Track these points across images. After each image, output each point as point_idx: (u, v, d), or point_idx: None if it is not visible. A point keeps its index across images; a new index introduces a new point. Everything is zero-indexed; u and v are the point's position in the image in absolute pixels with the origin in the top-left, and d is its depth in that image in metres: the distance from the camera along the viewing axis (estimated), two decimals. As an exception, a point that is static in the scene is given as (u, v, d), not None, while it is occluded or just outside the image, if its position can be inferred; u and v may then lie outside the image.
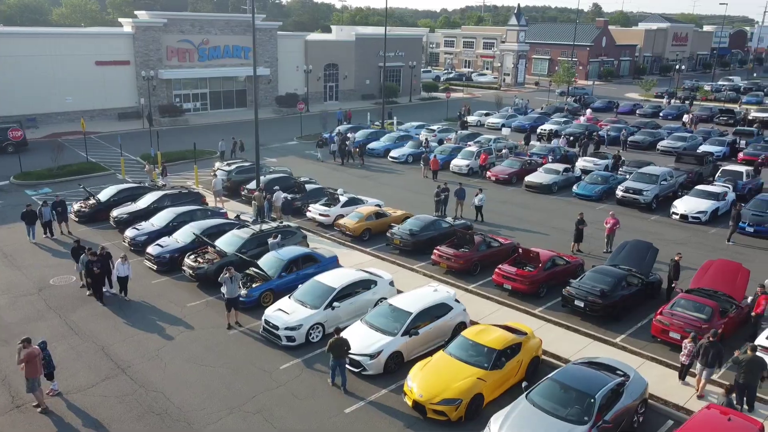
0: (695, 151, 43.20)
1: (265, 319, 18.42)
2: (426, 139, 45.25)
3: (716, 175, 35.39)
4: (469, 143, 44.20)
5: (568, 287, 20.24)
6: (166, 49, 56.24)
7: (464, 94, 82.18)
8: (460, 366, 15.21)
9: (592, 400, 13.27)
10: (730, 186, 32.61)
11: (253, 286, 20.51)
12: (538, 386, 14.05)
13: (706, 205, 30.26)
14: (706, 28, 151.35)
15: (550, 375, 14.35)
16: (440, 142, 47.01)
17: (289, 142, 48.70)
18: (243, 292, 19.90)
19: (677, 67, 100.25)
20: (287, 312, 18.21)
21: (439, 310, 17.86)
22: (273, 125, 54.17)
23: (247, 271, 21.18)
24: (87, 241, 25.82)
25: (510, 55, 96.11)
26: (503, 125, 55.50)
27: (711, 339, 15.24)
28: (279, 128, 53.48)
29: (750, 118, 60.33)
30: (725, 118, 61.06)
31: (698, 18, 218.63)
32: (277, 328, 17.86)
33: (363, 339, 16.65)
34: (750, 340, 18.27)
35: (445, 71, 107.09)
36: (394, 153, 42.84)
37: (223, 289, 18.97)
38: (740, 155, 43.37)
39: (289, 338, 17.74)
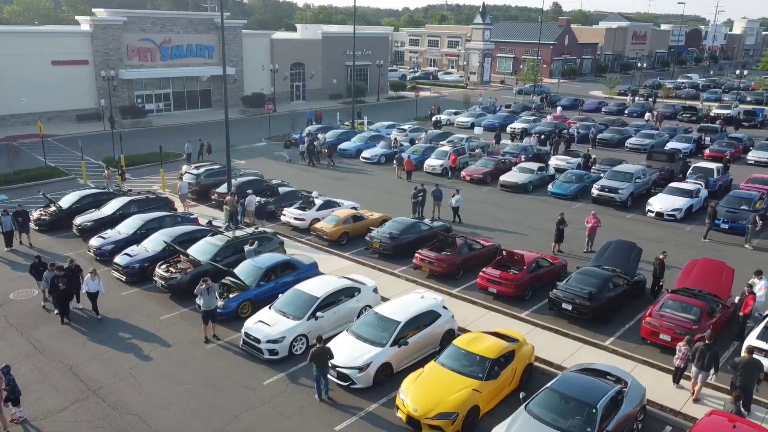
0: (663, 148, 43.69)
1: (245, 332, 17.53)
2: (395, 138, 44.60)
3: (688, 172, 35.69)
4: (441, 143, 43.77)
5: (554, 290, 19.88)
6: (126, 48, 54.32)
7: (432, 93, 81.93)
8: (453, 377, 14.63)
9: (594, 410, 12.83)
10: (702, 183, 32.90)
11: (230, 296, 19.55)
12: (537, 397, 13.56)
13: (681, 202, 30.42)
14: (663, 27, 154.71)
15: (548, 385, 13.87)
16: (412, 141, 46.48)
17: (257, 143, 47.49)
18: (220, 303, 18.93)
19: (639, 65, 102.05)
20: (268, 324, 17.36)
21: (427, 317, 17.26)
22: (240, 126, 52.81)
23: (223, 281, 20.20)
24: (49, 252, 24.53)
25: (476, 53, 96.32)
26: (473, 124, 55.39)
27: (707, 342, 15.00)
28: (246, 129, 52.21)
29: (712, 114, 61.52)
30: (688, 115, 62.20)
31: (653, 17, 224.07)
32: (258, 341, 17.00)
33: (351, 351, 15.93)
34: (736, 340, 18.26)
35: (411, 70, 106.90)
36: (366, 153, 42.13)
37: (200, 301, 18.00)
38: (706, 152, 43.94)
39: (272, 351, 16.90)
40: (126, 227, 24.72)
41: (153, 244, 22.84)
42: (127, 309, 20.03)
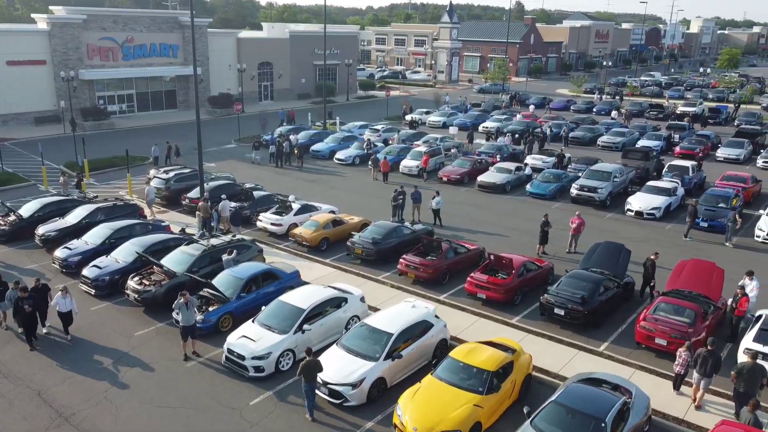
0: (635, 146, 43.94)
1: (227, 348, 16.55)
2: (368, 139, 43.76)
3: (663, 171, 35.79)
4: (416, 143, 43.17)
5: (546, 295, 19.39)
6: (86, 48, 52.19)
7: (401, 92, 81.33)
8: (453, 392, 13.95)
9: (603, 424, 12.31)
10: (678, 181, 33.00)
11: (210, 309, 18.53)
12: (543, 411, 12.97)
13: (660, 201, 30.39)
14: (624, 25, 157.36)
15: (553, 398, 13.30)
16: (385, 142, 45.75)
17: (226, 145, 46.19)
18: (199, 317, 17.87)
19: (604, 63, 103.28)
20: (253, 339, 16.41)
21: (419, 328, 16.56)
22: (207, 127, 51.10)
23: (201, 293, 19.14)
24: (10, 265, 23.00)
25: (443, 52, 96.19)
26: (445, 123, 55.04)
27: (709, 348, 14.66)
28: (214, 130, 50.76)
29: (679, 112, 62.36)
30: (655, 113, 62.91)
31: (613, 16, 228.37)
32: (242, 357, 16.04)
33: (342, 366, 15.11)
34: (729, 341, 18.07)
35: (379, 69, 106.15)
36: (340, 155, 41.23)
37: (178, 316, 16.95)
38: (677, 149, 44.22)
39: (257, 369, 15.96)
40: (93, 237, 23.37)
41: (124, 254, 21.60)
42: (98, 325, 18.79)
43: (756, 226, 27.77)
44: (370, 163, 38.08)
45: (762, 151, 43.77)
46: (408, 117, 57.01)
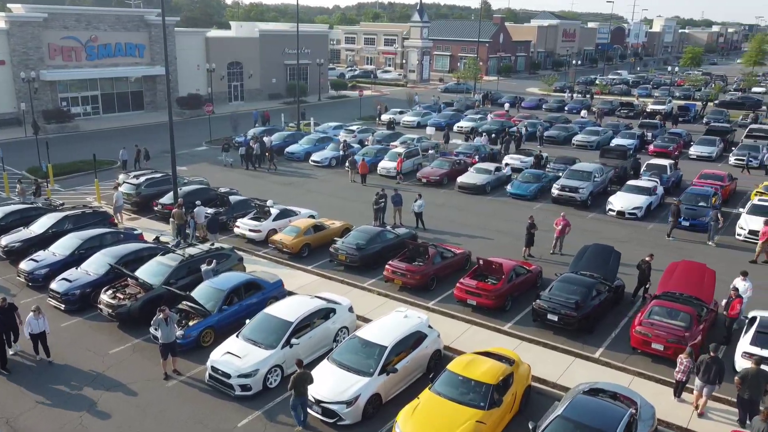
0: (609, 144, 44.06)
1: (211, 366, 15.63)
2: (344, 140, 42.90)
3: (641, 170, 35.80)
4: (393, 143, 42.50)
5: (538, 300, 18.92)
6: (48, 47, 50.17)
7: (373, 91, 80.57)
8: (453, 408, 13.33)
9: (613, 440, 11.84)
10: (657, 180, 33.01)
11: (190, 324, 17.55)
12: (549, 426, 12.41)
13: (641, 200, 30.31)
14: (590, 24, 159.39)
15: (559, 412, 12.75)
16: (361, 142, 44.97)
17: (197, 147, 44.83)
18: (179, 332, 16.89)
19: (573, 62, 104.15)
20: (238, 355, 15.52)
21: (413, 339, 15.91)
22: (177, 129, 48.48)
23: (180, 306, 18.15)
24: (-29, 279, 21.60)
25: (414, 51, 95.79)
26: (419, 123, 54.52)
27: (712, 354, 14.33)
28: (183, 132, 49.21)
29: (649, 110, 62.96)
30: (626, 111, 63.40)
31: (578, 15, 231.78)
32: (228, 376, 15.15)
33: (335, 383, 14.35)
34: (724, 344, 17.84)
35: (350, 68, 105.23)
36: (315, 156, 40.33)
37: (157, 333, 15.97)
38: (651, 148, 44.48)
39: (244, 387, 15.09)
40: (61, 247, 22.10)
41: (95, 266, 20.42)
42: (69, 344, 17.64)
43: (737, 225, 27.84)
44: (347, 164, 37.27)
45: (733, 148, 44.32)
46: (384, 117, 56.33)
